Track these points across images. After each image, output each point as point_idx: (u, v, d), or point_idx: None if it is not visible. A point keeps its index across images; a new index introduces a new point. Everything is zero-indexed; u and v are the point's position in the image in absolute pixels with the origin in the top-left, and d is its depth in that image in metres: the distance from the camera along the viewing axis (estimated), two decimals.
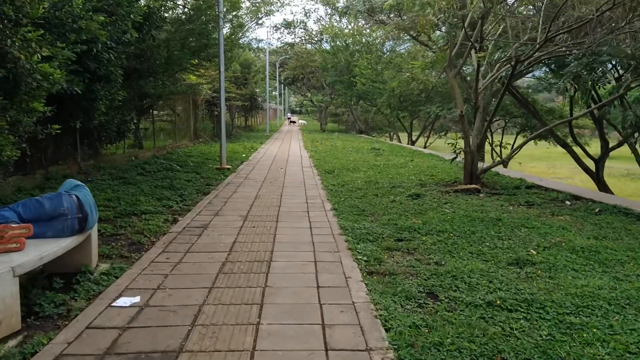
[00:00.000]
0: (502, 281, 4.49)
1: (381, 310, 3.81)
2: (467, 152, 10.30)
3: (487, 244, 5.85)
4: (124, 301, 3.98)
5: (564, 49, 9.56)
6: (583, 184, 22.88)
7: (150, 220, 6.85)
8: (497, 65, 11.02)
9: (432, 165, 14.12)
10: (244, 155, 17.54)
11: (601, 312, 3.79)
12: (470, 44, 10.33)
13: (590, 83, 16.99)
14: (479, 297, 4.05)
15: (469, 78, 23.76)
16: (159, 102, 16.06)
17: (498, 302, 3.93)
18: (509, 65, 10.26)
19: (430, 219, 7.12)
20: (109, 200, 7.88)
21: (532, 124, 24.38)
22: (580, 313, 3.78)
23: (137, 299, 4.01)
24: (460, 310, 3.83)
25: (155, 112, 26.05)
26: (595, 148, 23.25)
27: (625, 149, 18.44)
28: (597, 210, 7.73)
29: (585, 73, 9.73)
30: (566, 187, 10.44)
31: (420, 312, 3.85)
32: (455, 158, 10.91)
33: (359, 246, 5.67)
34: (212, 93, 23.71)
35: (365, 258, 5.22)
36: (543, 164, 33.84)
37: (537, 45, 8.89)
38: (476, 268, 4.85)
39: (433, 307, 3.93)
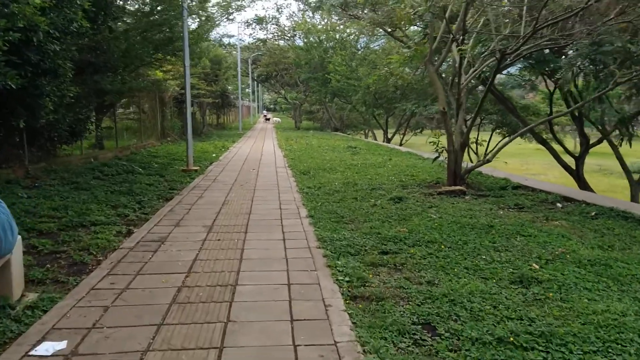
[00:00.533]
0: (509, 306, 3.82)
1: (371, 353, 3.08)
2: (450, 151, 9.69)
3: (483, 256, 5.19)
4: (46, 348, 3.15)
5: (550, 41, 9.03)
6: (557, 180, 22.75)
7: (100, 233, 5.97)
8: (481, 58, 10.44)
9: (411, 165, 13.52)
10: (214, 155, 16.61)
11: (633, 349, 3.15)
12: (452, 37, 9.71)
13: (572, 77, 16.70)
14: (487, 331, 3.36)
15: (444, 75, 23.39)
16: (121, 99, 15.00)
17: (510, 338, 3.25)
18: (493, 59, 9.69)
19: (417, 227, 6.44)
20: (54, 210, 6.94)
21: (508, 121, 24.10)
22: (610, 351, 3.13)
23: (63, 345, 3.18)
24: (466, 350, 3.14)
25: (120, 110, 24.91)
26: (569, 145, 23.19)
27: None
28: (593, 213, 7.19)
29: (585, 65, 9.21)
30: (553, 187, 9.95)
31: (417, 353, 3.14)
32: (437, 157, 10.30)
33: (339, 262, 4.94)
34: (180, 90, 22.66)
35: (347, 278, 4.49)
36: (516, 160, 33.75)
37: (525, 38, 8.32)
38: (476, 289, 4.17)
39: (432, 346, 3.23)
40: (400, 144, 31.57)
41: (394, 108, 31.59)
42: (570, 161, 17.86)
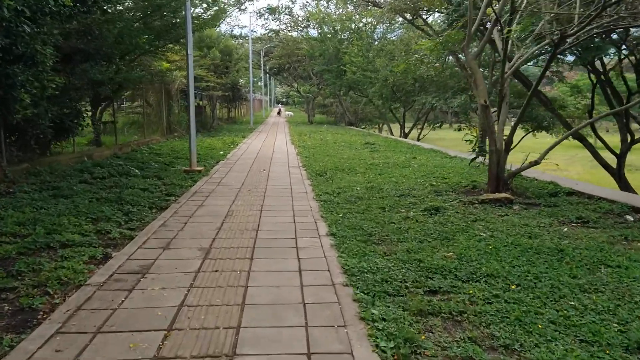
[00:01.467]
0: None
1: None
2: (492, 151, 8.28)
3: (570, 301, 3.84)
4: None
5: (617, 21, 7.57)
6: (581, 177, 21.14)
7: (69, 259, 4.72)
8: (526, 44, 8.98)
9: (439, 165, 12.11)
10: (221, 152, 15.34)
11: None
12: (495, 18, 8.27)
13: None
14: None
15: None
16: (120, 91, 13.79)
17: None
18: (548, 43, 8.22)
19: (466, 250, 5.11)
20: (20, 225, 5.72)
21: (534, 115, 22.51)
22: None
23: None
24: None
25: (128, 103, 23.80)
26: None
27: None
28: None
29: None
30: (614, 194, 8.49)
31: None
32: (475, 158, 8.91)
33: (375, 311, 3.62)
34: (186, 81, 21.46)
35: (390, 342, 3.17)
36: (537, 155, 32.05)
37: (591, 17, 6.87)
38: None
39: None
40: (418, 139, 30.13)
41: (412, 102, 30.09)
42: (609, 158, 16.29)
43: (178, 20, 12.24)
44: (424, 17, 22.87)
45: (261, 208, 7.32)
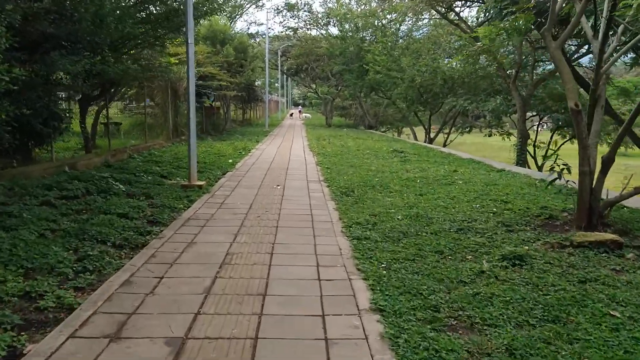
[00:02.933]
0: None
1: None
2: (584, 172, 6.15)
3: None
4: None
5: None
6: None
7: None
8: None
9: (489, 182, 9.97)
10: (230, 161, 13.38)
11: None
12: None
13: None
14: None
15: (511, 62, 19.62)
16: (110, 89, 11.94)
17: None
18: None
19: (604, 353, 3.04)
20: None
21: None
22: None
23: None
24: None
25: (133, 103, 22.05)
26: None
27: None
28: None
29: None
30: None
31: None
32: (555, 180, 6.79)
33: None
34: (197, 80, 19.63)
35: None
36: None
37: None
38: None
39: None
40: (444, 145, 27.95)
41: (439, 105, 27.87)
42: None
43: (180, 7, 10.34)
44: (457, 9, 20.73)
45: (272, 250, 5.30)
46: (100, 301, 3.77)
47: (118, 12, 8.14)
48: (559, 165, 6.59)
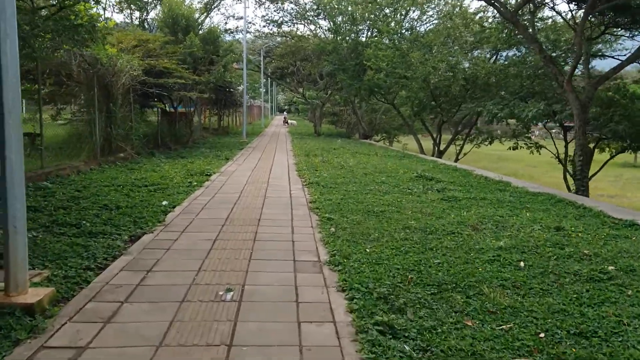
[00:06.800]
0: None
1: None
2: None
3: None
4: None
5: None
6: None
7: None
8: None
9: (618, 252, 4.89)
10: (164, 202, 8.01)
11: None
12: None
13: None
14: None
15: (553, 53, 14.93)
16: None
17: None
18: None
19: None
20: None
21: (616, 130, 15.47)
22: None
23: None
24: None
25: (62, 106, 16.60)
26: None
27: None
28: None
29: None
30: None
31: None
32: None
33: None
34: (146, 76, 14.38)
35: None
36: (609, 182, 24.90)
37: None
38: None
39: None
40: (457, 159, 23.06)
41: (455, 111, 22.92)
42: None
43: None
44: None
45: None
46: None
47: None
48: None
